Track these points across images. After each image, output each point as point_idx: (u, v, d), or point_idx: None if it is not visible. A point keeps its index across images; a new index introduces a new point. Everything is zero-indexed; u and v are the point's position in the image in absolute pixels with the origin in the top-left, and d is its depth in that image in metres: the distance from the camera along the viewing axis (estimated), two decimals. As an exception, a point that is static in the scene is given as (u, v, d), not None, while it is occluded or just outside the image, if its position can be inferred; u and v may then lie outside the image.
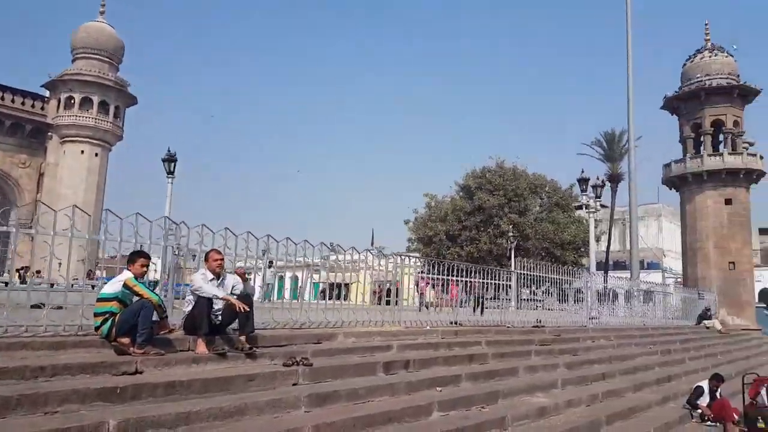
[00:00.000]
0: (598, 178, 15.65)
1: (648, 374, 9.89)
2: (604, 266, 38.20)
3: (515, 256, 22.58)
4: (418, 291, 12.19)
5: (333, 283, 9.43)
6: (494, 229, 31.39)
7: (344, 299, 9.46)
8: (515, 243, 27.01)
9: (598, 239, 35.35)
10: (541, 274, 11.95)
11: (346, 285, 9.72)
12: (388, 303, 8.71)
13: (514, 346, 8.93)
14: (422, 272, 10.64)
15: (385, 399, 5.36)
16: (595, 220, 45.69)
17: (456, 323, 9.34)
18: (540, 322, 11.44)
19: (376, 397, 5.29)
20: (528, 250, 30.95)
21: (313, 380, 5.19)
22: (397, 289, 8.81)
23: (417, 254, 29.23)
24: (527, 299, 15.98)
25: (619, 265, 41.23)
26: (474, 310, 12.56)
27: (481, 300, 12.31)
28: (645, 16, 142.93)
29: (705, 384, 8.31)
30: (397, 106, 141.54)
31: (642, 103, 24.47)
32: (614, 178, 34.53)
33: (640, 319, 15.73)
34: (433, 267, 9.55)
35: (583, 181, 15.03)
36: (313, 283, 9.13)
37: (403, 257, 10.01)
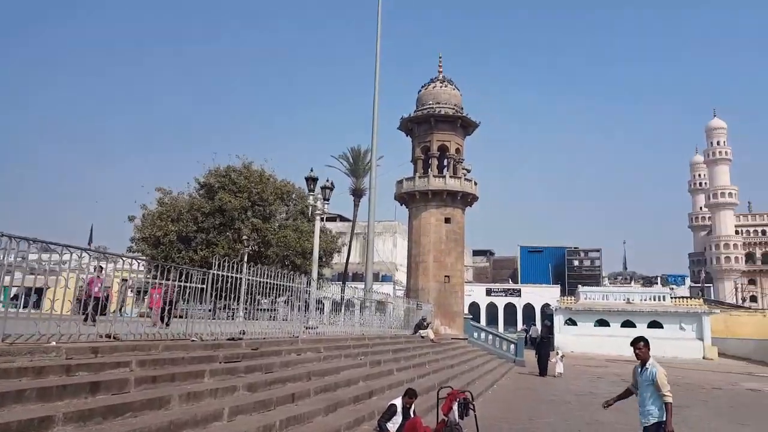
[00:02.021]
0: (327, 180, 14.88)
1: (349, 391, 8.93)
2: (342, 277, 39.25)
3: (254, 263, 20.75)
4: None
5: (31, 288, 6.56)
6: (234, 233, 29.11)
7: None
8: (249, 247, 25.21)
9: (338, 251, 35.92)
10: (266, 280, 10.37)
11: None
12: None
13: (183, 366, 6.93)
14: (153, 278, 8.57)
15: None
16: (339, 233, 46.96)
17: (110, 337, 6.94)
18: (243, 333, 9.71)
19: None
20: (269, 258, 29.51)
21: None
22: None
23: (142, 256, 25.24)
24: (268, 309, 14.45)
25: (358, 277, 42.87)
26: (162, 321, 10.29)
27: (170, 307, 10.07)
28: (400, 45, 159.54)
29: (399, 401, 7.55)
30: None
31: (391, 123, 25.35)
32: (357, 193, 35.70)
33: (362, 329, 15.37)
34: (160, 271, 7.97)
35: (311, 181, 14.07)
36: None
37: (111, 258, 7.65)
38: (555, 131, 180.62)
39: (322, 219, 15.79)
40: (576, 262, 62.83)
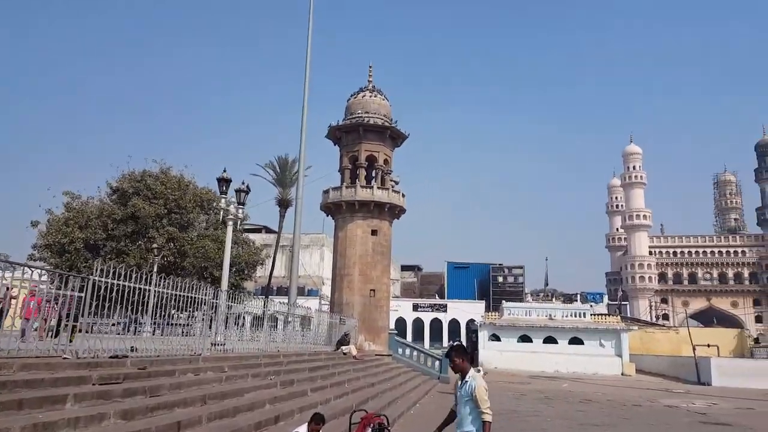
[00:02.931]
0: (243, 183, 13.73)
1: (251, 416, 7.91)
2: (266, 290, 37.66)
3: (168, 274, 19.11)
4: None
5: None
6: (147, 242, 27.05)
7: None
8: (160, 256, 23.43)
9: (262, 263, 34.42)
10: (167, 291, 9.20)
11: None
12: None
13: (41, 389, 5.74)
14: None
15: None
16: (264, 245, 45.28)
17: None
18: (133, 350, 8.49)
19: None
20: (185, 269, 27.67)
21: None
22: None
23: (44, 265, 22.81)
24: (184, 324, 13.08)
25: (284, 291, 41.31)
26: (55, 335, 8.92)
27: (67, 321, 8.68)
28: (332, 54, 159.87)
29: (304, 428, 6.64)
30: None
31: (321, 132, 24.45)
32: (284, 203, 34.41)
33: (279, 345, 14.30)
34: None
35: (223, 182, 12.89)
36: None
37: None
38: (482, 150, 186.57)
39: (235, 225, 14.64)
40: (500, 279, 64.21)
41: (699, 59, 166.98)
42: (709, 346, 35.51)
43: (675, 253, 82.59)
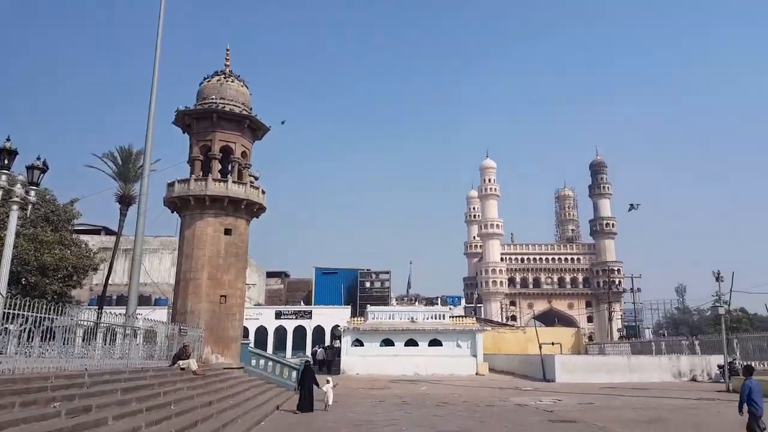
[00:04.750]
0: (39, 158, 10.95)
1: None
2: (100, 299, 33.08)
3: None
4: None
5: None
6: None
7: None
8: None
9: (96, 268, 30.13)
10: None
11: None
12: None
13: None
14: None
15: None
16: (103, 248, 40.05)
17: None
18: None
19: None
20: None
21: None
22: None
23: None
24: None
25: (124, 300, 36.66)
26: None
27: None
28: (187, 39, 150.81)
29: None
30: None
31: (172, 119, 21.48)
32: (126, 200, 30.56)
33: (83, 362, 11.67)
34: None
35: (4, 154, 10.01)
36: None
37: None
38: (352, 155, 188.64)
39: (23, 208, 11.74)
40: (368, 284, 64.23)
41: (548, 78, 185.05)
42: (553, 344, 38.10)
43: (522, 260, 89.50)
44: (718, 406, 16.84)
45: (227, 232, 21.34)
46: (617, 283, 78.30)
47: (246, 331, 40.32)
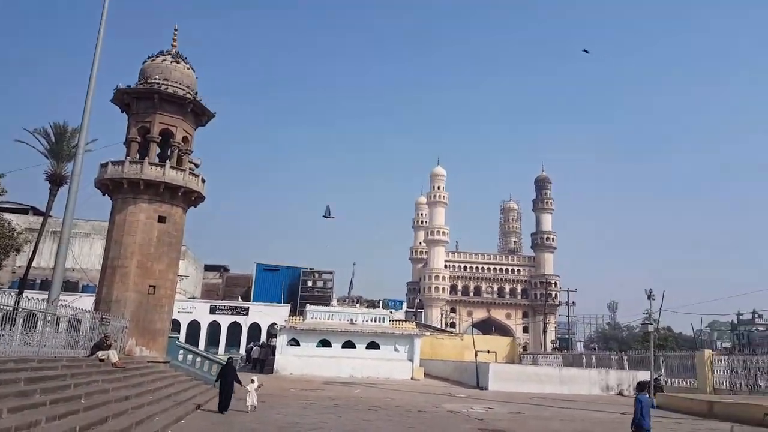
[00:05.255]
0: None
1: None
2: (21, 283, 30.93)
3: None
4: None
5: None
6: None
7: None
8: None
9: (19, 249, 28.14)
10: None
11: None
12: None
13: None
14: None
15: None
16: (29, 228, 37.60)
17: None
18: None
19: None
20: None
21: None
22: None
23: None
24: None
25: (48, 285, 34.45)
26: None
27: None
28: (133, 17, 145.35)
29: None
30: None
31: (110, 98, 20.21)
32: (57, 180, 28.65)
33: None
34: None
35: None
36: None
37: None
38: (300, 154, 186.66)
39: None
40: (310, 283, 63.34)
41: (497, 97, 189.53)
42: (488, 352, 38.66)
43: (465, 268, 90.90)
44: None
45: (161, 219, 20.33)
46: (554, 296, 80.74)
47: (177, 324, 38.82)
